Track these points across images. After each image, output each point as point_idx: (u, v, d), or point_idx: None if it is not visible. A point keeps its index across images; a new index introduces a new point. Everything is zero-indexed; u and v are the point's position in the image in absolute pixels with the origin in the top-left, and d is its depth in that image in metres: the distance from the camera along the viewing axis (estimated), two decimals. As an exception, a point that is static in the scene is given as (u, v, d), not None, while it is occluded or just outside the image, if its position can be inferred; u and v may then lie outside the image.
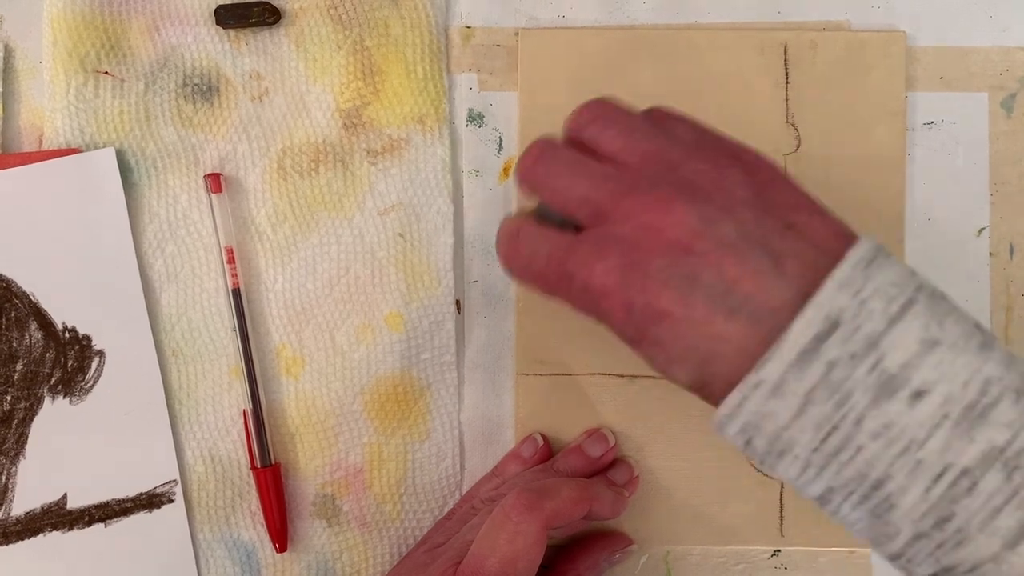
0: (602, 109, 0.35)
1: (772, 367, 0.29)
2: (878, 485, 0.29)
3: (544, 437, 0.43)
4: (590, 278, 0.32)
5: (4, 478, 0.42)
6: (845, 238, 0.31)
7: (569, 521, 0.37)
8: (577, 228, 0.34)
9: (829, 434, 0.29)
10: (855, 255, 0.30)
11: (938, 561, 0.29)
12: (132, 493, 0.43)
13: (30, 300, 0.43)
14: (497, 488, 0.42)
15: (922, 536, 0.29)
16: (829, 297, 0.29)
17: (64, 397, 0.43)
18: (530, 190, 0.36)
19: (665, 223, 0.31)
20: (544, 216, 0.36)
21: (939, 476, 0.28)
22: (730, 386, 0.30)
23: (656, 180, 0.32)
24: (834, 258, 0.30)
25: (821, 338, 0.29)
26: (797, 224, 0.31)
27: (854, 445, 0.29)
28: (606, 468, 0.43)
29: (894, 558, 0.30)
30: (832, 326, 0.29)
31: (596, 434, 0.43)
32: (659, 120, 0.35)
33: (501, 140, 0.45)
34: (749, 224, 0.31)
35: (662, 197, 0.32)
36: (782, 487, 0.44)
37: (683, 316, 0.30)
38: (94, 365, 0.43)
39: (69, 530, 0.43)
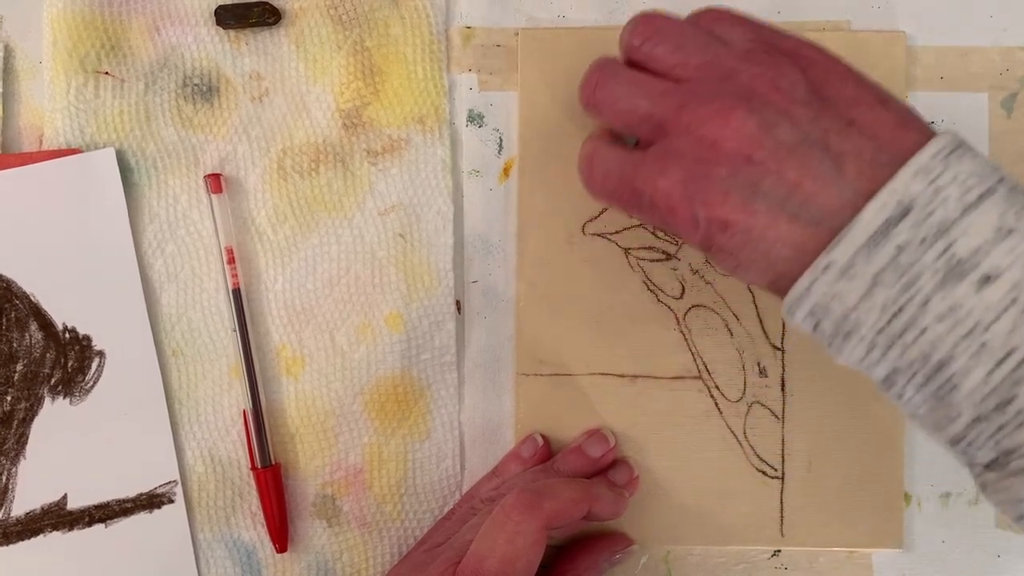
0: (652, 25, 0.36)
1: (842, 249, 0.30)
2: (941, 366, 0.30)
3: (544, 437, 0.43)
4: (655, 194, 0.33)
5: (4, 478, 0.42)
6: (909, 128, 0.31)
7: (569, 521, 0.37)
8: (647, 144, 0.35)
9: (895, 315, 0.30)
10: (935, 145, 0.30)
11: (998, 444, 0.30)
12: (132, 493, 0.43)
13: (30, 300, 0.43)
14: (497, 488, 0.42)
15: (983, 419, 0.30)
16: (904, 183, 0.30)
17: (64, 397, 0.43)
18: (595, 114, 0.37)
19: (723, 134, 0.32)
20: (618, 133, 0.37)
21: (1003, 359, 0.29)
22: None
23: (712, 91, 0.33)
24: (897, 152, 0.31)
25: (892, 222, 0.29)
26: (858, 120, 0.32)
27: (919, 326, 0.29)
28: (606, 468, 0.43)
29: (955, 442, 0.31)
30: (904, 211, 0.29)
31: (596, 434, 0.43)
32: (711, 26, 0.36)
33: (501, 140, 0.45)
34: (808, 124, 0.31)
35: (719, 108, 0.32)
36: (782, 487, 0.44)
37: (746, 224, 0.31)
38: (94, 365, 0.43)
39: (69, 530, 0.43)
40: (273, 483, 0.43)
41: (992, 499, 0.31)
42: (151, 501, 0.43)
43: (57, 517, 0.43)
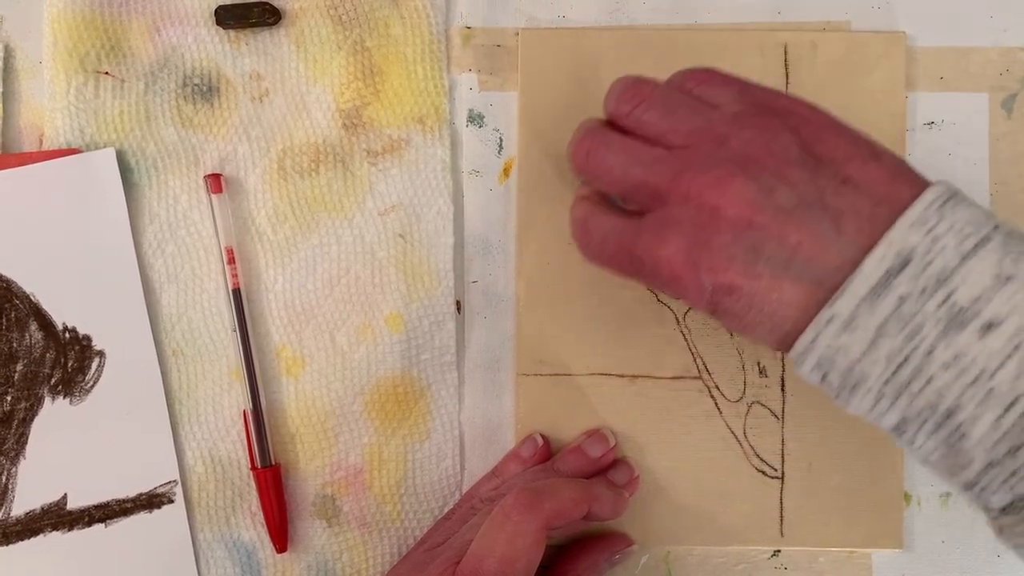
0: (640, 91, 0.36)
1: (844, 302, 0.30)
2: (950, 414, 0.30)
3: (544, 437, 0.43)
4: (658, 263, 0.33)
5: (4, 478, 0.42)
6: (903, 180, 0.32)
7: (569, 521, 0.37)
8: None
9: (900, 366, 0.30)
10: (930, 196, 0.31)
11: (1012, 489, 0.30)
12: (132, 493, 0.43)
13: (30, 300, 0.43)
14: (497, 488, 0.42)
15: (995, 464, 0.30)
16: (901, 235, 0.30)
17: (64, 397, 0.43)
18: (587, 179, 0.37)
19: (723, 201, 0.32)
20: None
21: (1011, 405, 0.29)
22: None
23: (707, 158, 0.33)
24: (892, 206, 0.31)
25: (892, 273, 0.30)
26: (852, 176, 0.32)
27: (925, 375, 0.30)
28: (606, 468, 0.43)
29: (968, 487, 0.31)
30: (903, 262, 0.30)
31: (596, 434, 0.43)
32: (698, 88, 0.36)
33: (501, 140, 0.45)
34: (804, 186, 0.32)
35: (717, 176, 0.32)
36: (782, 487, 0.44)
37: (750, 288, 0.32)
38: (94, 365, 0.43)
39: (69, 530, 0.43)
40: (273, 483, 0.43)
41: (1009, 543, 0.32)
42: (151, 501, 0.43)
43: (57, 517, 0.43)
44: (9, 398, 0.43)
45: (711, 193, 0.32)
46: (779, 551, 0.44)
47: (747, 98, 0.35)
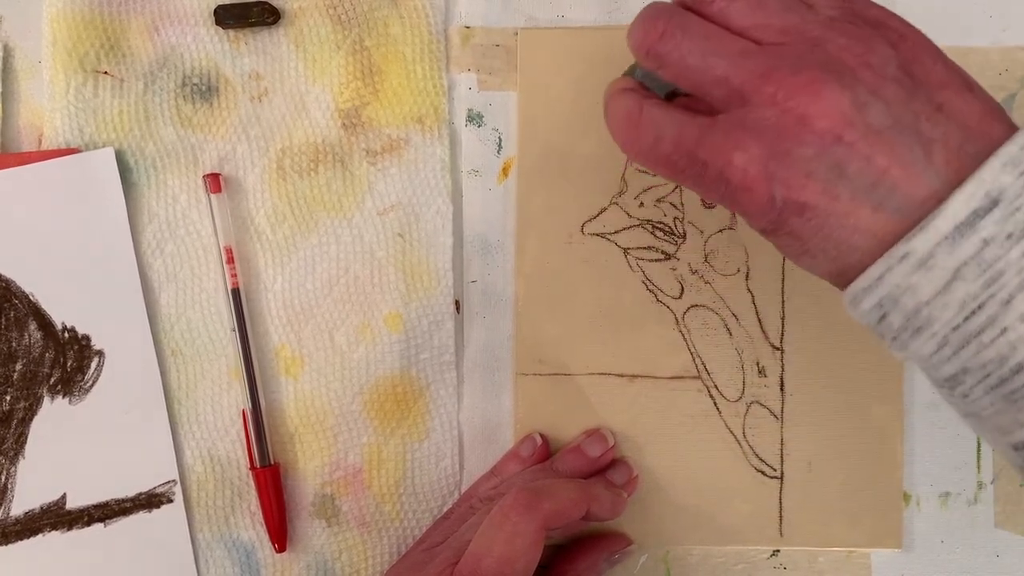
0: None
1: (924, 239, 0.28)
2: (1020, 370, 0.28)
3: (543, 437, 0.43)
4: (727, 168, 0.31)
5: (3, 478, 0.42)
6: (996, 118, 0.30)
7: (568, 521, 0.37)
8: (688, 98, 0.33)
9: (974, 312, 0.28)
10: None
11: None
12: (131, 493, 0.43)
13: (29, 300, 0.43)
14: (496, 487, 0.42)
15: None
16: (993, 174, 0.28)
17: (63, 397, 0.43)
18: (655, 67, 0.33)
19: (814, 110, 0.29)
20: (647, 79, 0.35)
21: None
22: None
23: (800, 60, 0.30)
24: (984, 143, 0.29)
25: (979, 214, 0.28)
26: (946, 104, 0.30)
27: (999, 325, 0.28)
28: (605, 468, 0.43)
29: (1020, 447, 0.29)
30: (992, 203, 0.28)
31: (595, 434, 0.43)
32: None
33: (500, 140, 0.45)
34: (899, 106, 0.29)
35: (810, 80, 0.30)
36: (781, 487, 0.44)
37: (826, 209, 0.30)
38: (93, 365, 0.43)
39: (68, 530, 0.43)
40: (272, 483, 0.43)
41: None
42: (150, 501, 0.43)
43: (56, 517, 0.43)
44: (8, 398, 0.43)
45: (801, 98, 0.29)
46: (778, 551, 0.44)
47: (843, 2, 0.32)
